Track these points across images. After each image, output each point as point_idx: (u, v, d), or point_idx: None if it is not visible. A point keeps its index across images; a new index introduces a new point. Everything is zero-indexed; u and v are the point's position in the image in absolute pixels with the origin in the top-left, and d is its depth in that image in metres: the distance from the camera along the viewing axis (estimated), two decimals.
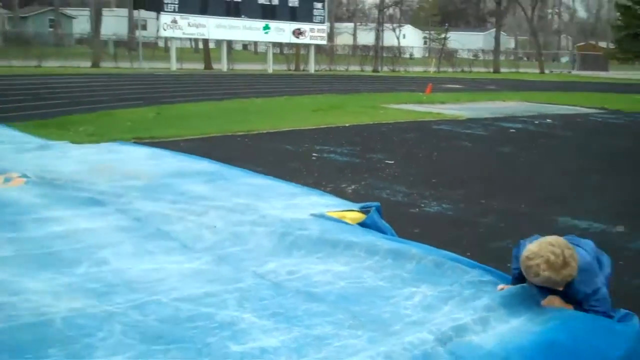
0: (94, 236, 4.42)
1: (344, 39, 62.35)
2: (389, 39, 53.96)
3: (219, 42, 37.72)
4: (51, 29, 56.69)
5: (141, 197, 5.53)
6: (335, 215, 5.00)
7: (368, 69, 42.87)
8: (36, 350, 2.84)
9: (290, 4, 35.11)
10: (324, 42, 38.81)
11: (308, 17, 36.07)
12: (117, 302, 3.35)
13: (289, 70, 38.69)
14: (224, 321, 3.21)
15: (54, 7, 59.06)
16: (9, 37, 42.59)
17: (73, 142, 8.85)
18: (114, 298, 3.40)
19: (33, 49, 33.39)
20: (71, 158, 7.31)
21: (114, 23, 55.92)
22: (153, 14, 37.00)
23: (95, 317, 3.16)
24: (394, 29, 61.91)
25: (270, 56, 36.28)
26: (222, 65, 34.52)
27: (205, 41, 37.07)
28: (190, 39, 45.25)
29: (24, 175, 6.11)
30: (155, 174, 6.58)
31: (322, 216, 4.96)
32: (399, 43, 55.33)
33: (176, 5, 31.37)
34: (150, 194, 5.67)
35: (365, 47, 47.96)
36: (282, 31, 35.28)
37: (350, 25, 67.83)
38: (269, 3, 34.33)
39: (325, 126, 12.58)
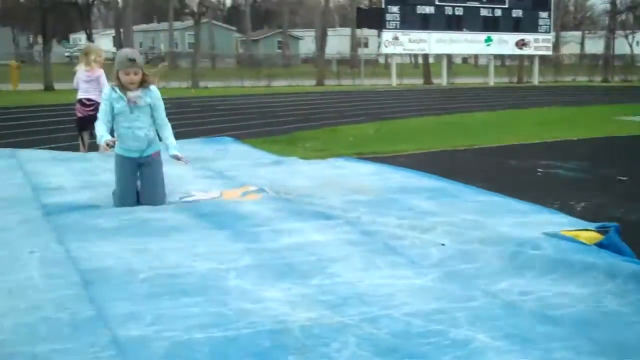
0: (325, 249, 4.56)
1: (570, 48, 59.58)
2: (621, 46, 50.66)
3: (438, 57, 37.71)
4: (279, 50, 60.00)
5: (368, 211, 5.63)
6: (569, 234, 4.76)
7: (597, 79, 40.56)
8: (276, 356, 2.97)
9: (514, 15, 34.24)
10: (549, 52, 37.39)
11: (532, 27, 34.93)
12: (350, 315, 3.42)
13: (511, 82, 37.68)
14: (457, 339, 3.15)
15: (283, 29, 62.46)
16: (242, 59, 45.71)
17: (301, 157, 9.26)
18: (347, 310, 3.48)
19: (263, 69, 35.54)
20: (301, 173, 7.64)
21: (337, 42, 57.98)
22: (374, 32, 37.90)
23: (330, 328, 3.25)
24: (626, 36, 58.10)
25: (491, 69, 35.60)
26: (442, 80, 34.45)
27: (425, 56, 37.22)
28: (410, 55, 45.67)
29: (261, 190, 6.48)
30: (381, 189, 6.68)
31: (555, 235, 4.74)
32: (631, 51, 51.79)
33: (398, 22, 31.83)
34: (377, 209, 5.76)
35: (594, 56, 45.45)
36: (505, 43, 34.50)
37: (578, 33, 64.65)
38: (491, 15, 33.74)
39: (551, 140, 12.07)
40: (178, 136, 7.06)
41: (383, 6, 31.82)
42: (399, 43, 32.28)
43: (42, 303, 3.53)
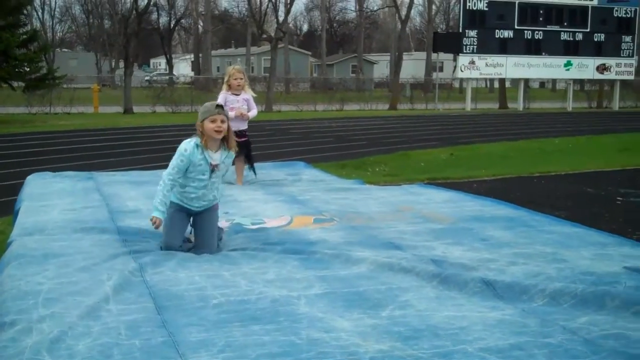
0: (396, 278, 4.49)
1: None
2: None
3: (515, 81, 37.16)
4: (353, 74, 60.27)
5: (440, 241, 5.53)
6: None
7: None
8: None
9: (595, 39, 33.49)
10: (631, 77, 36.37)
11: (615, 52, 34.09)
12: (423, 348, 3.34)
13: (590, 107, 36.78)
14: None
15: (357, 54, 62.78)
16: (316, 83, 46.10)
17: (370, 182, 9.21)
18: (420, 343, 3.40)
19: (337, 93, 35.73)
20: (375, 199, 7.58)
21: (412, 66, 57.87)
22: (449, 56, 37.68)
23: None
24: None
25: (570, 93, 34.86)
26: (518, 104, 33.90)
27: (502, 80, 36.74)
28: (485, 79, 45.19)
29: (332, 218, 6.46)
30: (455, 217, 6.56)
31: (637, 270, 4.54)
32: None
33: (475, 47, 31.60)
34: (450, 238, 5.65)
35: None
36: (585, 67, 33.77)
37: None
38: (572, 39, 33.11)
39: (632, 168, 11.69)
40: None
41: (461, 30, 31.61)
42: (476, 67, 32.00)
43: (115, 326, 3.58)
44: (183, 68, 77.51)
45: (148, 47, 72.96)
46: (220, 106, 5.08)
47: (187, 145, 5.01)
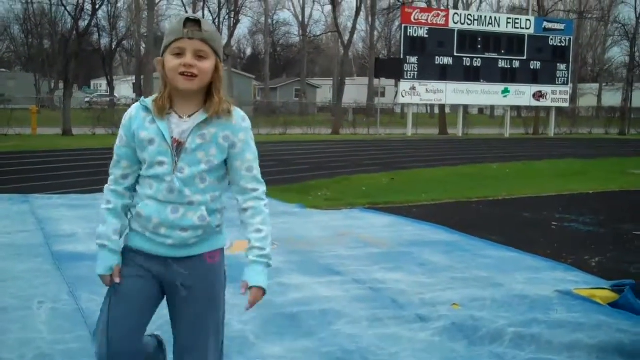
0: (331, 304, 4.52)
1: (587, 100, 59.68)
2: (638, 99, 50.66)
3: (454, 107, 37.87)
4: (297, 98, 60.53)
5: (379, 266, 5.59)
6: (583, 293, 4.69)
7: (613, 131, 40.48)
8: None
9: (532, 67, 34.41)
10: (566, 104, 37.44)
11: (550, 79, 35.07)
12: None
13: (527, 134, 37.68)
14: None
15: (301, 78, 63.11)
16: (259, 107, 46.12)
17: (312, 206, 9.25)
18: None
19: (280, 117, 35.79)
20: (315, 223, 7.62)
21: (354, 91, 58.40)
22: (391, 82, 38.21)
23: None
24: None
25: (507, 120, 35.66)
26: (457, 130, 34.53)
27: (442, 106, 37.38)
28: (426, 105, 45.91)
29: (272, 242, 6.45)
30: (394, 242, 6.64)
31: (569, 293, 4.67)
32: None
33: (416, 72, 32.09)
34: (388, 263, 5.72)
35: (611, 109, 45.44)
36: (521, 94, 34.63)
37: (595, 85, 64.84)
38: (509, 66, 33.95)
39: (566, 193, 12.00)
40: None
41: (402, 56, 32.12)
42: (416, 93, 32.48)
43: (50, 354, 3.51)
44: (125, 90, 76.56)
45: (89, 68, 71.87)
46: (195, 20, 2.44)
47: (132, 108, 2.57)
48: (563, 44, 35.29)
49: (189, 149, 2.40)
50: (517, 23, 34.27)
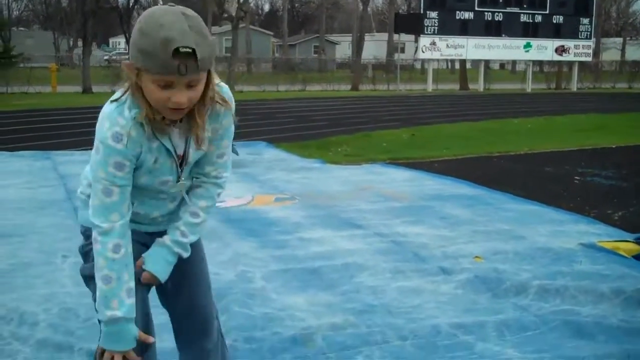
0: (353, 257, 4.50)
1: (610, 54, 58.70)
2: None
3: (476, 62, 37.41)
4: (315, 55, 60.10)
5: (401, 219, 5.57)
6: (607, 245, 4.64)
7: (637, 86, 39.82)
8: None
9: (554, 21, 33.78)
10: (589, 58, 36.85)
11: (573, 34, 34.44)
12: (376, 324, 3.36)
13: (549, 89, 37.18)
14: (484, 354, 3.08)
15: (319, 34, 62.54)
16: (278, 64, 45.88)
17: (332, 162, 9.22)
18: (373, 319, 3.42)
19: (299, 74, 35.58)
20: (336, 179, 7.60)
21: (374, 47, 57.82)
22: (411, 37, 37.77)
23: (355, 338, 3.20)
24: None
25: (529, 75, 35.19)
26: (478, 86, 34.15)
27: (462, 62, 36.94)
28: (447, 60, 45.38)
29: (293, 196, 6.46)
30: (415, 196, 6.60)
31: (592, 246, 4.63)
32: None
33: (436, 28, 31.65)
34: (410, 217, 5.69)
35: (635, 63, 44.64)
36: (544, 49, 34.07)
37: (619, 40, 63.71)
38: (531, 21, 33.34)
39: (588, 147, 11.85)
40: None
41: (422, 11, 31.66)
42: (437, 48, 32.08)
43: (74, 308, 3.53)
44: None
45: (107, 26, 71.67)
46: (189, 53, 1.90)
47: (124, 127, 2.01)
48: None
49: (191, 162, 2.12)
50: None
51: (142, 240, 2.19)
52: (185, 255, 2.17)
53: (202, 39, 1.88)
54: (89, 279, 2.16)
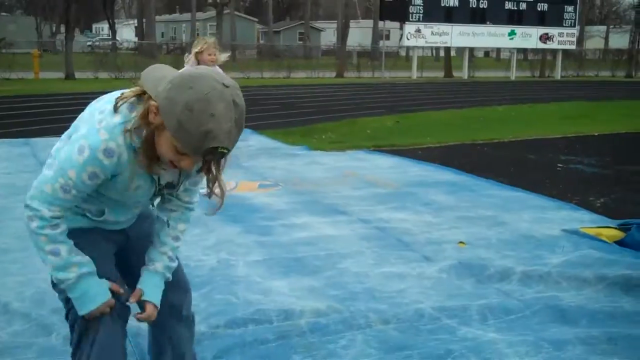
0: (336, 244, 4.49)
1: (594, 42, 58.93)
2: None
3: (460, 50, 37.43)
4: (300, 42, 59.92)
5: (385, 206, 5.56)
6: (590, 232, 4.65)
7: (620, 74, 40.02)
8: (282, 352, 2.92)
9: (539, 9, 33.83)
10: (573, 46, 36.95)
11: (557, 21, 34.51)
12: (359, 309, 3.35)
13: (533, 76, 37.31)
14: (466, 337, 3.08)
15: (304, 21, 62.33)
16: (263, 50, 45.70)
17: (316, 149, 9.19)
18: (356, 304, 3.41)
19: (283, 60, 35.45)
20: (320, 165, 7.58)
21: (359, 34, 57.71)
22: (396, 24, 37.68)
23: (338, 322, 3.18)
24: None
25: (514, 63, 35.27)
26: (463, 73, 34.19)
27: (447, 49, 36.95)
28: (431, 48, 45.37)
29: (277, 183, 6.43)
30: (399, 182, 6.59)
31: (575, 232, 4.64)
32: None
33: (421, 15, 31.61)
34: (393, 203, 5.68)
35: (618, 51, 44.86)
36: (528, 36, 34.13)
37: (603, 28, 63.97)
38: (516, 8, 33.37)
39: (572, 135, 11.90)
40: None
41: None
42: (422, 36, 32.05)
43: (50, 292, 3.49)
44: (127, 33, 75.78)
45: (90, 11, 71.04)
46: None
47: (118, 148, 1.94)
48: None
49: (176, 189, 2.14)
50: None
51: (111, 238, 2.20)
52: (170, 277, 2.24)
53: (239, 132, 1.88)
54: (56, 285, 2.15)
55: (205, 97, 1.77)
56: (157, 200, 2.21)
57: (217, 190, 2.02)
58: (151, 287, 2.17)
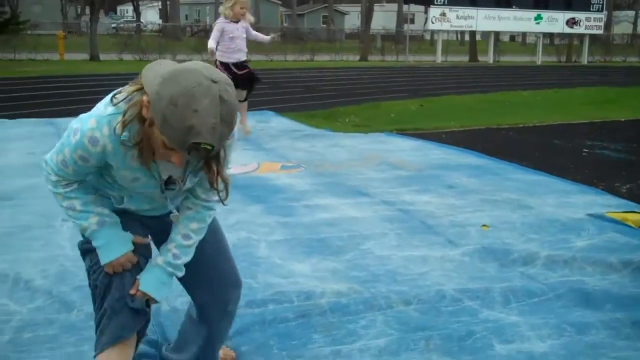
0: (359, 225, 4.47)
1: (622, 27, 58.09)
2: None
3: (485, 34, 37.08)
4: (324, 25, 59.70)
5: (408, 188, 5.52)
6: (615, 216, 4.58)
7: None
8: (301, 332, 2.91)
9: None
10: (600, 31, 36.42)
11: (584, 6, 34.03)
12: (380, 291, 3.33)
13: (559, 61, 36.84)
14: (488, 319, 3.05)
15: (328, 4, 62.05)
16: (287, 33, 45.60)
17: (341, 131, 9.16)
18: (378, 286, 3.39)
19: (307, 44, 35.35)
20: (342, 147, 7.55)
21: (383, 17, 57.40)
22: (421, 8, 37.39)
23: (359, 303, 3.17)
24: None
25: (539, 47, 34.86)
26: (488, 57, 33.87)
27: (472, 33, 36.60)
28: (456, 32, 44.98)
29: (299, 164, 6.41)
30: (422, 165, 6.55)
31: (600, 217, 4.57)
32: None
33: None
34: (417, 185, 5.64)
35: None
36: (555, 21, 33.70)
37: (631, 13, 63.01)
38: None
39: (598, 120, 11.75)
40: None
41: None
42: (447, 19, 31.76)
43: (73, 271, 3.51)
44: (151, 15, 75.98)
45: None
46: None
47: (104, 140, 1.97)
48: None
49: (183, 187, 2.11)
50: None
51: (146, 223, 2.24)
52: (180, 274, 2.20)
53: (228, 129, 1.82)
54: (85, 253, 2.20)
55: (190, 92, 1.75)
56: (174, 194, 2.16)
57: (220, 185, 2.07)
58: (148, 279, 2.14)
